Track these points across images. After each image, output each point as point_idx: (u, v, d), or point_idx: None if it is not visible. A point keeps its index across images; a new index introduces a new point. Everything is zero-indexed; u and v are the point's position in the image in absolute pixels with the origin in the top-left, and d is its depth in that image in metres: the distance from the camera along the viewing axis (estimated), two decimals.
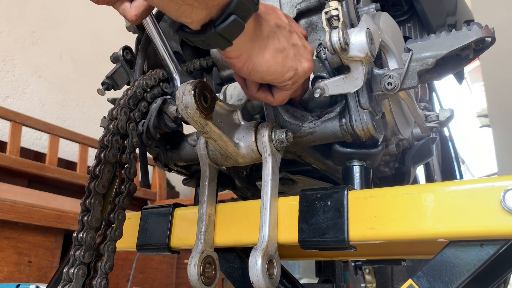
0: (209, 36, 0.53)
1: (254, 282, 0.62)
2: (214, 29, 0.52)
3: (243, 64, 0.60)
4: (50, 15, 3.13)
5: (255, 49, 0.59)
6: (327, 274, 1.28)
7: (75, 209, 2.07)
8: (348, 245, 0.62)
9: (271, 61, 0.61)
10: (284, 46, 0.62)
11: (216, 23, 0.52)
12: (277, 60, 0.61)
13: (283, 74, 0.63)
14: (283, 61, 0.62)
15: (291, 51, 0.63)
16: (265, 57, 0.60)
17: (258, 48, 0.59)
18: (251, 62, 0.60)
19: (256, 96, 0.69)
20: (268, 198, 0.68)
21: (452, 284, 0.56)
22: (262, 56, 0.60)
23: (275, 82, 0.64)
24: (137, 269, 2.24)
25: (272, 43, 0.60)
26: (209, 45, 0.55)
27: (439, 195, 0.57)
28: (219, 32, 0.52)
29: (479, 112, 5.21)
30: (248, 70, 0.61)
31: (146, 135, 0.76)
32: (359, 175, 0.76)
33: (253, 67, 0.60)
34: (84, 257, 0.64)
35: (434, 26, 1.15)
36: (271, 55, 0.60)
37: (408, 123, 0.93)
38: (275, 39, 0.61)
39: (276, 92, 0.68)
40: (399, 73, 0.69)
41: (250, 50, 0.59)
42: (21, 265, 1.79)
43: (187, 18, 0.51)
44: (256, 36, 0.59)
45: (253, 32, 0.58)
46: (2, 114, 2.34)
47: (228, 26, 0.52)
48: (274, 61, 0.61)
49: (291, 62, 0.63)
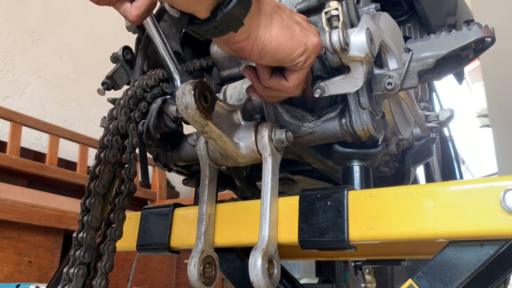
0: (222, 19, 0.54)
1: (254, 282, 0.62)
2: (225, 9, 0.53)
3: (252, 44, 0.59)
4: (50, 15, 3.13)
5: (261, 26, 0.59)
6: (327, 274, 1.28)
7: (75, 209, 2.07)
8: (348, 245, 0.62)
9: (280, 36, 0.60)
10: (289, 23, 0.62)
11: (224, 4, 0.53)
12: (285, 35, 0.61)
13: (293, 50, 0.62)
14: (292, 36, 0.61)
15: (297, 27, 0.63)
16: (273, 33, 0.60)
17: (264, 25, 0.59)
18: (260, 40, 0.59)
19: (270, 83, 0.68)
20: (268, 198, 0.68)
21: (452, 284, 0.56)
22: (270, 32, 0.60)
23: (287, 60, 0.63)
24: (137, 269, 2.24)
25: (276, 19, 0.61)
26: (221, 31, 0.56)
27: (439, 195, 0.57)
28: (230, 11, 0.53)
29: (479, 112, 5.21)
30: (258, 50, 0.60)
31: (146, 135, 0.76)
32: (359, 175, 0.76)
33: (263, 45, 0.60)
34: (84, 257, 0.64)
35: (434, 26, 1.15)
36: (278, 30, 0.60)
37: (408, 123, 0.93)
38: (278, 16, 0.61)
39: (290, 74, 0.66)
40: (399, 73, 0.69)
41: (257, 28, 0.59)
42: (21, 265, 1.79)
43: (196, 6, 0.52)
44: (261, 13, 0.59)
45: (257, 10, 0.58)
46: (2, 114, 2.34)
47: (237, 3, 0.53)
48: (282, 36, 0.61)
49: (299, 37, 0.62)
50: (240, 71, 0.86)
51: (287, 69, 0.66)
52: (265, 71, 0.68)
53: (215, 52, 0.87)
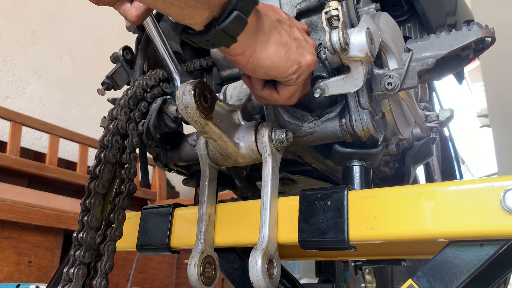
0: (214, 35, 0.54)
1: (254, 282, 0.62)
2: (218, 26, 0.53)
3: (247, 60, 0.60)
4: (50, 15, 3.13)
5: (258, 44, 0.59)
6: (327, 274, 1.28)
7: (75, 209, 2.07)
8: (348, 245, 0.62)
9: (275, 55, 0.61)
10: (286, 40, 0.62)
11: (219, 21, 0.53)
12: (280, 54, 0.61)
13: (287, 69, 0.63)
14: (287, 55, 0.62)
15: (293, 45, 0.63)
16: (268, 51, 0.60)
17: (261, 43, 0.60)
18: (255, 57, 0.60)
19: (262, 94, 0.70)
20: (268, 198, 0.68)
21: (452, 284, 0.56)
22: (266, 50, 0.60)
23: (280, 77, 0.64)
24: (137, 269, 2.24)
25: (274, 37, 0.61)
26: (214, 45, 0.56)
27: (439, 195, 0.57)
28: (224, 29, 0.53)
29: (479, 112, 5.21)
30: (252, 66, 0.61)
31: (146, 135, 0.76)
32: (359, 175, 0.76)
33: (257, 62, 0.60)
34: (84, 257, 0.64)
35: (434, 26, 1.15)
36: (274, 49, 0.60)
37: (408, 123, 0.93)
38: (276, 33, 0.61)
39: (281, 88, 0.68)
40: (399, 73, 0.69)
41: (253, 46, 0.59)
42: (21, 265, 1.79)
43: (191, 20, 0.52)
44: (258, 31, 0.59)
45: (255, 28, 0.58)
46: (2, 114, 2.34)
47: (232, 23, 0.53)
48: (277, 55, 0.61)
49: (294, 56, 0.63)
50: (240, 71, 0.86)
51: (279, 82, 0.67)
52: (258, 82, 0.69)
53: (215, 52, 0.87)
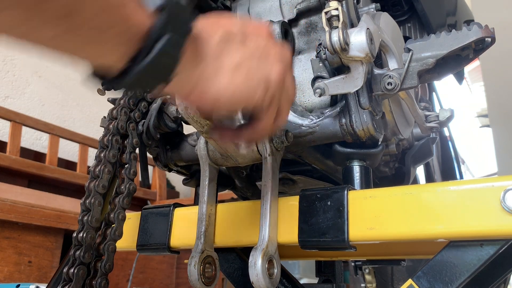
0: (136, 77, 0.42)
1: (254, 282, 0.62)
2: (137, 66, 0.41)
3: (199, 99, 0.50)
4: None
5: (204, 77, 0.48)
6: (327, 274, 1.28)
7: (75, 209, 2.07)
8: (348, 245, 0.62)
9: (232, 83, 0.49)
10: (242, 58, 0.50)
11: (139, 58, 0.42)
12: (238, 79, 0.49)
13: (252, 94, 0.51)
14: (247, 76, 0.50)
15: (253, 61, 0.51)
16: (222, 81, 0.48)
17: (209, 74, 0.48)
18: (208, 94, 0.49)
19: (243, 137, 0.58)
20: (268, 198, 0.68)
21: (452, 284, 0.56)
22: (219, 82, 0.48)
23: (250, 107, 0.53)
24: (137, 269, 2.24)
25: (226, 61, 0.49)
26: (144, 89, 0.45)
27: (439, 195, 0.57)
28: (146, 68, 0.41)
29: (479, 112, 5.20)
30: (209, 104, 0.50)
31: (146, 135, 0.76)
32: (359, 175, 0.76)
33: (213, 98, 0.49)
34: (84, 257, 0.64)
35: (434, 26, 1.15)
36: (228, 75, 0.49)
37: (408, 123, 0.93)
38: (228, 55, 0.49)
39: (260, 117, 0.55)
40: (399, 73, 0.69)
41: (200, 81, 0.48)
42: (21, 265, 1.79)
43: (101, 59, 0.43)
44: (201, 60, 0.47)
45: (194, 58, 0.47)
46: (2, 114, 2.34)
47: (157, 58, 0.41)
48: (234, 82, 0.49)
49: (258, 73, 0.51)
50: None
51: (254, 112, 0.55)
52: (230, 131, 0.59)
53: None
